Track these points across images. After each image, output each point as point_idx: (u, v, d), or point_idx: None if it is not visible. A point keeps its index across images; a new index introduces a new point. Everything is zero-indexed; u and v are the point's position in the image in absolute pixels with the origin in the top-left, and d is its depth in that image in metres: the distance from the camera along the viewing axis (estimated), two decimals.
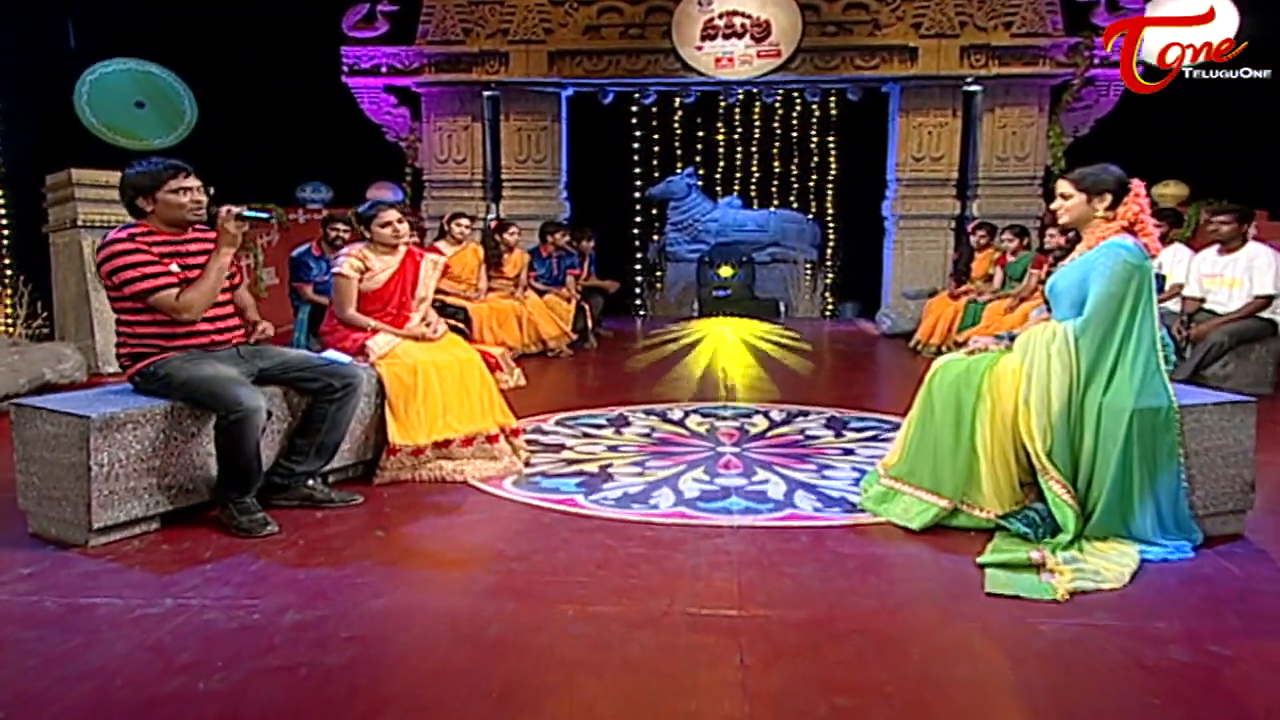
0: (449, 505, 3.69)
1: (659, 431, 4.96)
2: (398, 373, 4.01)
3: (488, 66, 9.98)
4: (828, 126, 12.25)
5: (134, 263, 3.27)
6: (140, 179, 3.38)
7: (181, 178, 3.41)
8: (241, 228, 3.45)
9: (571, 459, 4.37)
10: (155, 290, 3.28)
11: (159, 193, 3.37)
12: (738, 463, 4.32)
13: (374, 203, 4.33)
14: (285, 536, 3.25)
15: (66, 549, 3.09)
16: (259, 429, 3.22)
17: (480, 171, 10.24)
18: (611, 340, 8.86)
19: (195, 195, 3.42)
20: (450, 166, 10.21)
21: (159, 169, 3.39)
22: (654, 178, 12.43)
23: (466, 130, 10.19)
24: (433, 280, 4.45)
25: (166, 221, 3.41)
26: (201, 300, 3.35)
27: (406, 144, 10.33)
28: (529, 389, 6.01)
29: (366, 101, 10.23)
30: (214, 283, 3.37)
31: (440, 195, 10.17)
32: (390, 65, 10.02)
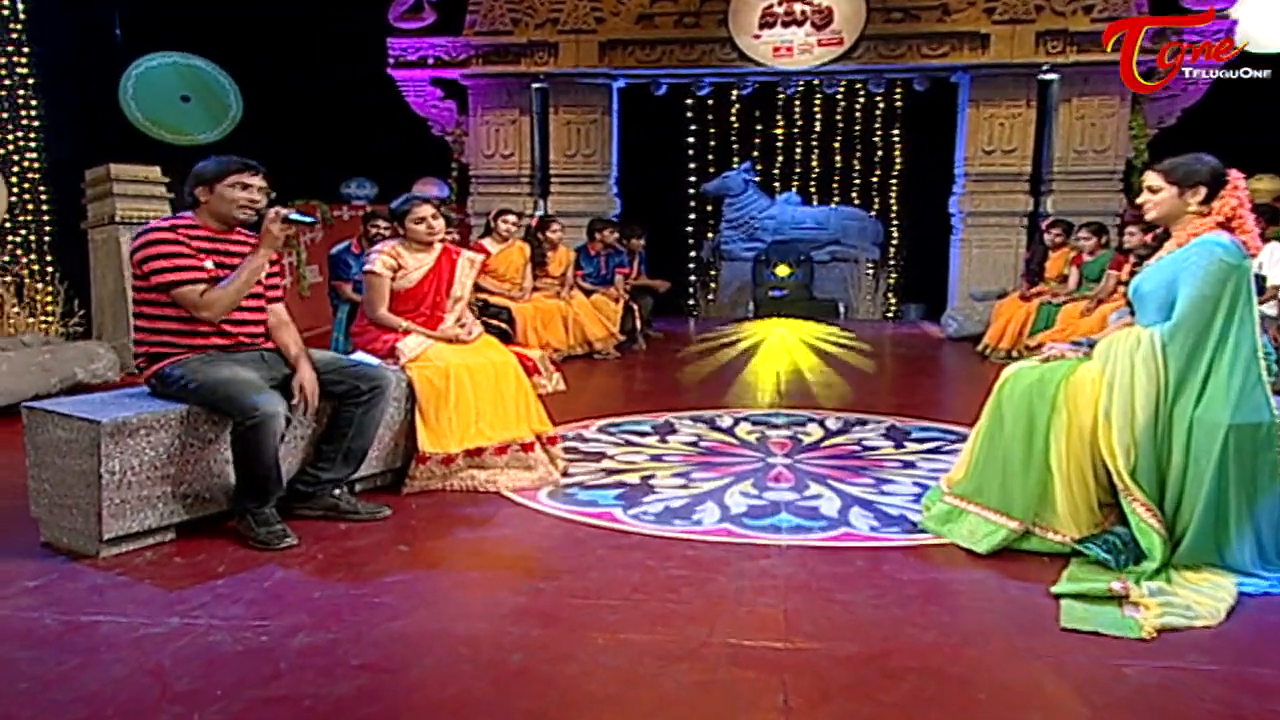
0: (479, 518, 3.56)
1: (706, 440, 4.80)
2: (429, 376, 3.90)
3: (536, 57, 9.91)
4: (892, 119, 11.98)
5: (168, 253, 3.22)
6: (207, 168, 3.37)
7: (247, 175, 3.36)
8: (286, 231, 3.38)
9: (611, 469, 4.23)
10: (181, 284, 3.21)
11: (219, 184, 3.32)
12: (789, 475, 4.14)
13: (408, 197, 4.24)
14: (305, 550, 3.16)
15: (77, 560, 3.03)
16: (277, 436, 3.13)
17: (528, 166, 10.16)
18: (661, 342, 8.72)
19: (253, 195, 3.37)
20: (497, 161, 10.15)
21: (229, 160, 3.38)
22: (709, 173, 12.28)
23: (514, 124, 10.12)
24: (469, 279, 4.34)
25: (216, 216, 3.36)
26: (226, 300, 3.27)
27: (453, 138, 10.31)
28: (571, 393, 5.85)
29: (412, 94, 10.22)
30: (243, 284, 3.30)
31: (486, 191, 10.11)
32: (437, 57, 9.99)
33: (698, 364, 7.52)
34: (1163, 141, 9.24)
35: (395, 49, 10.03)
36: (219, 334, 3.34)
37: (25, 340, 5.62)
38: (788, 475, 4.14)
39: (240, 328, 3.40)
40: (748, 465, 4.30)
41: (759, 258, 11.80)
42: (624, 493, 3.85)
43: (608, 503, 3.72)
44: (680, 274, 12.04)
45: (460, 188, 10.39)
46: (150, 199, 7.18)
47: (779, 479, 4.08)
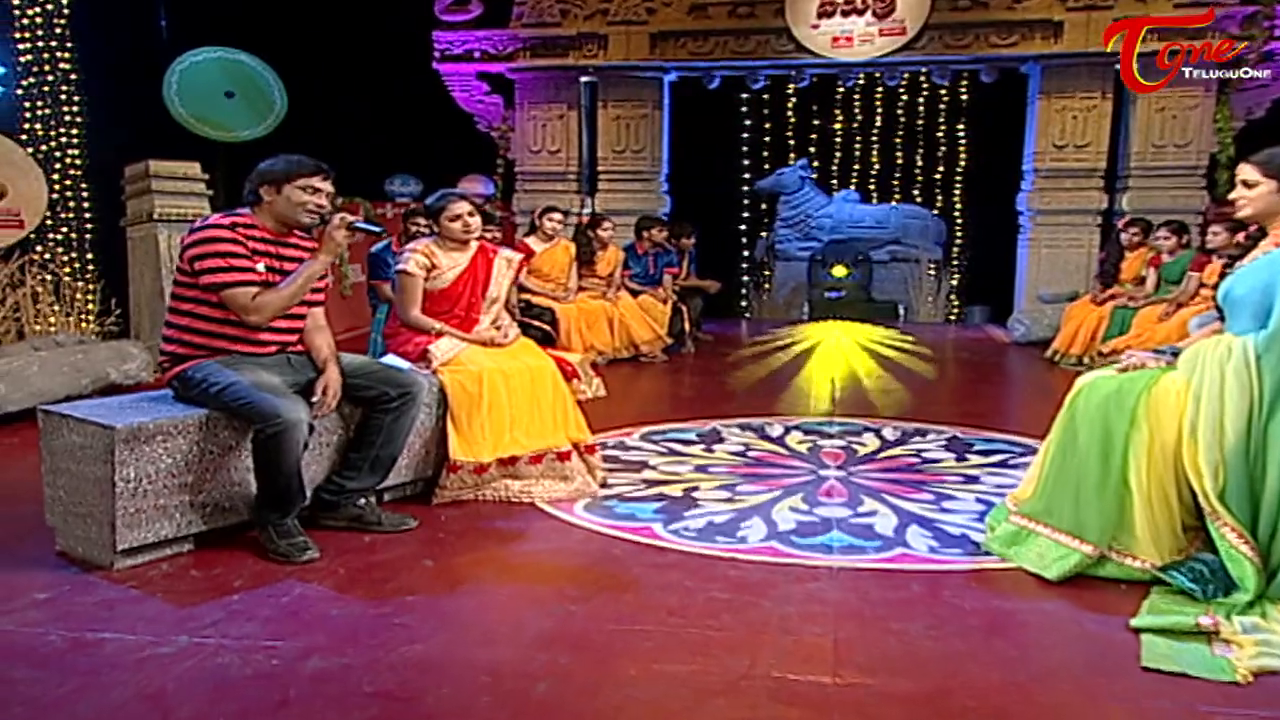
0: (510, 532, 3.45)
1: (754, 450, 4.64)
2: (461, 381, 3.80)
3: (585, 50, 9.81)
4: (957, 112, 11.69)
5: (224, 252, 3.16)
6: (276, 167, 3.30)
7: (318, 178, 3.31)
8: (350, 239, 3.31)
9: (653, 480, 4.09)
10: (233, 285, 3.15)
11: (288, 185, 3.26)
12: (842, 489, 3.97)
13: (443, 193, 4.14)
14: (326, 563, 3.07)
15: (90, 571, 2.97)
16: (299, 444, 3.04)
17: (575, 163, 10.07)
18: (711, 345, 8.57)
19: (320, 200, 3.31)
20: (544, 158, 10.08)
21: (300, 161, 3.32)
22: (763, 170, 12.10)
23: (561, 119, 10.04)
24: (506, 280, 4.24)
25: (276, 218, 3.30)
26: (278, 304, 3.21)
27: (498, 134, 10.26)
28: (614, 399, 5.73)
29: (458, 89, 10.19)
30: (297, 290, 3.24)
31: (532, 188, 10.04)
32: (483, 50, 9.94)
33: (749, 368, 7.36)
34: (1251, 135, 8.86)
35: (441, 42, 10.00)
36: (252, 338, 3.26)
37: (59, 339, 5.64)
38: (840, 489, 3.97)
39: (277, 334, 3.32)
40: (798, 478, 4.14)
41: (815, 257, 11.59)
42: (665, 506, 3.71)
43: (647, 517, 3.58)
44: (733, 274, 11.88)
45: (506, 185, 10.33)
46: (189, 196, 7.20)
47: (831, 493, 3.91)
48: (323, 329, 3.48)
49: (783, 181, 12.03)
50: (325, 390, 3.28)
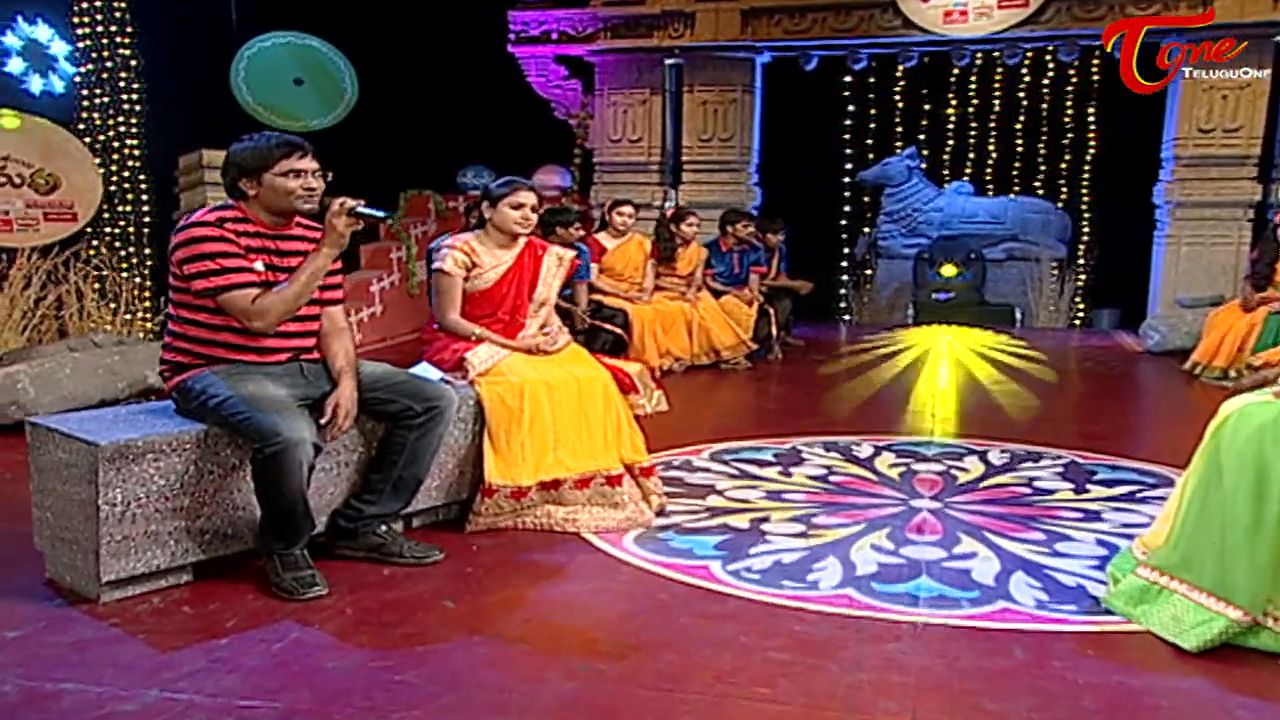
0: (547, 567, 3.19)
1: (838, 474, 4.30)
2: (500, 393, 3.55)
3: (671, 30, 9.58)
4: (1086, 93, 11.10)
5: (213, 252, 2.95)
6: (247, 156, 3.07)
7: (296, 157, 3.06)
8: (353, 226, 3.08)
9: (717, 508, 3.79)
10: (229, 288, 2.95)
11: (266, 174, 3.03)
12: (936, 524, 3.60)
13: (509, 180, 3.90)
14: (334, 601, 2.85)
15: (75, 604, 2.80)
16: (303, 466, 2.82)
17: (657, 152, 9.84)
18: (801, 351, 8.24)
19: (309, 181, 3.06)
20: (624, 147, 9.87)
21: (270, 145, 3.07)
22: (866, 159, 11.69)
23: (644, 105, 9.81)
24: (556, 280, 3.99)
25: (269, 209, 3.08)
26: (282, 307, 2.99)
27: (576, 121, 10.10)
28: (685, 411, 5.49)
29: (534, 73, 10.05)
30: (303, 289, 3.02)
31: (612, 180, 9.84)
32: (561, 32, 9.77)
33: (840, 378, 7.00)
34: None
35: (517, 23, 9.86)
36: (257, 345, 3.06)
37: (96, 340, 5.60)
38: (934, 524, 3.61)
39: (288, 339, 3.11)
40: (885, 509, 3.79)
41: (921, 255, 11.15)
42: (727, 540, 3.41)
43: (705, 553, 3.28)
44: (830, 274, 11.52)
45: (583, 177, 10.14)
46: None
47: (922, 529, 3.55)
48: (341, 332, 3.26)
49: (888, 172, 11.62)
50: (335, 410, 3.06)
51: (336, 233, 3.03)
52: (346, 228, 3.04)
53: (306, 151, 3.08)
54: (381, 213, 3.07)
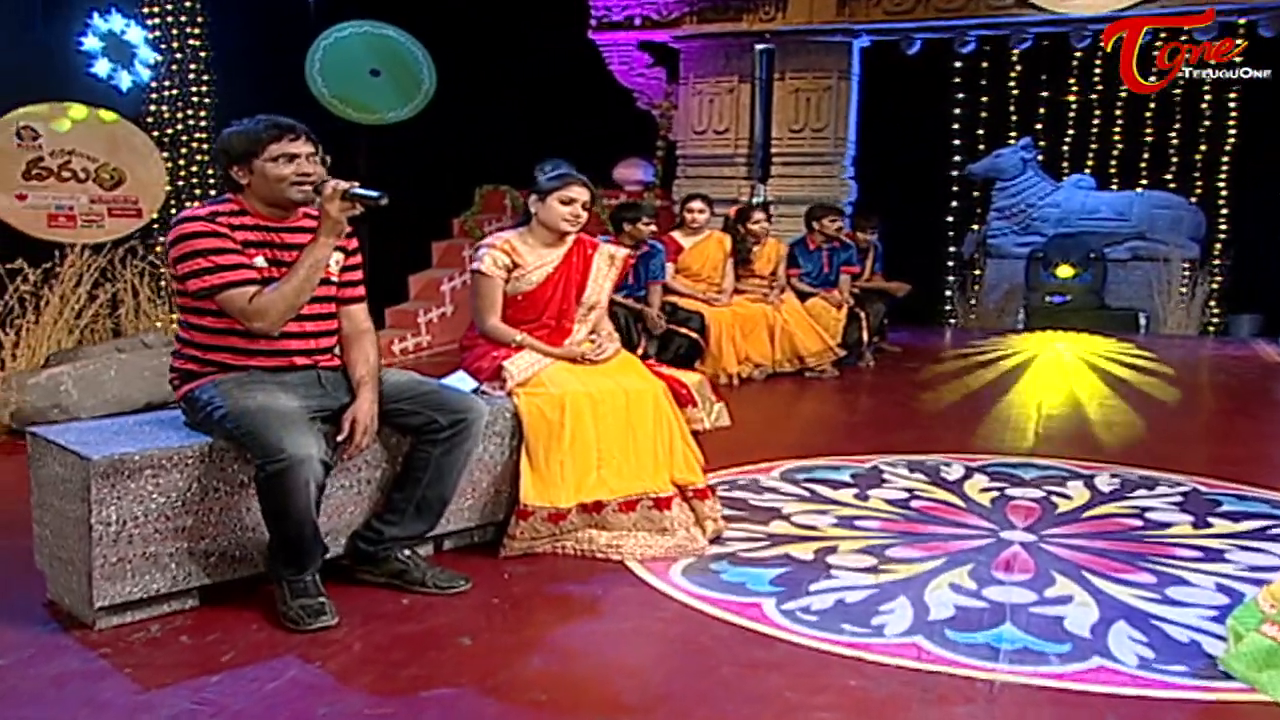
0: (581, 601, 3.01)
1: (921, 498, 4.03)
2: (540, 406, 3.38)
3: (761, 13, 9.36)
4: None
5: (205, 249, 2.84)
6: (235, 142, 2.95)
7: (286, 141, 2.92)
8: (349, 210, 2.93)
9: (780, 535, 3.57)
10: (225, 287, 2.83)
11: (256, 159, 2.91)
12: (1027, 560, 3.31)
13: (561, 172, 3.73)
14: (343, 633, 2.71)
15: (70, 629, 2.71)
16: (311, 485, 2.68)
17: (745, 144, 9.60)
18: (896, 358, 7.93)
19: (303, 166, 2.92)
20: (709, 138, 9.66)
21: (258, 128, 2.94)
22: (976, 151, 11.25)
23: (731, 93, 9.59)
24: (608, 281, 3.81)
25: (265, 200, 2.96)
26: (282, 305, 2.86)
27: (659, 112, 9.95)
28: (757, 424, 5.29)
29: (616, 61, 9.92)
30: (301, 283, 2.88)
31: (695, 174, 9.65)
32: (645, 16, 9.62)
33: (937, 389, 6.67)
34: None
35: (598, 8, 9.74)
36: (266, 349, 2.94)
37: (147, 340, 5.60)
38: (1026, 561, 3.32)
39: (300, 340, 2.99)
40: (970, 541, 3.51)
41: (1035, 255, 10.72)
42: (787, 574, 3.18)
43: (759, 588, 3.06)
44: (934, 275, 11.13)
45: (666, 170, 9.96)
46: None
47: (1011, 566, 3.26)
48: (362, 336, 3.12)
49: (1000, 164, 11.20)
50: (353, 425, 2.92)
51: (331, 219, 2.88)
52: (341, 213, 2.88)
53: (299, 134, 2.94)
54: (375, 193, 2.91)
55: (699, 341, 6.62)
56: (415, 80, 10.75)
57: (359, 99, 10.55)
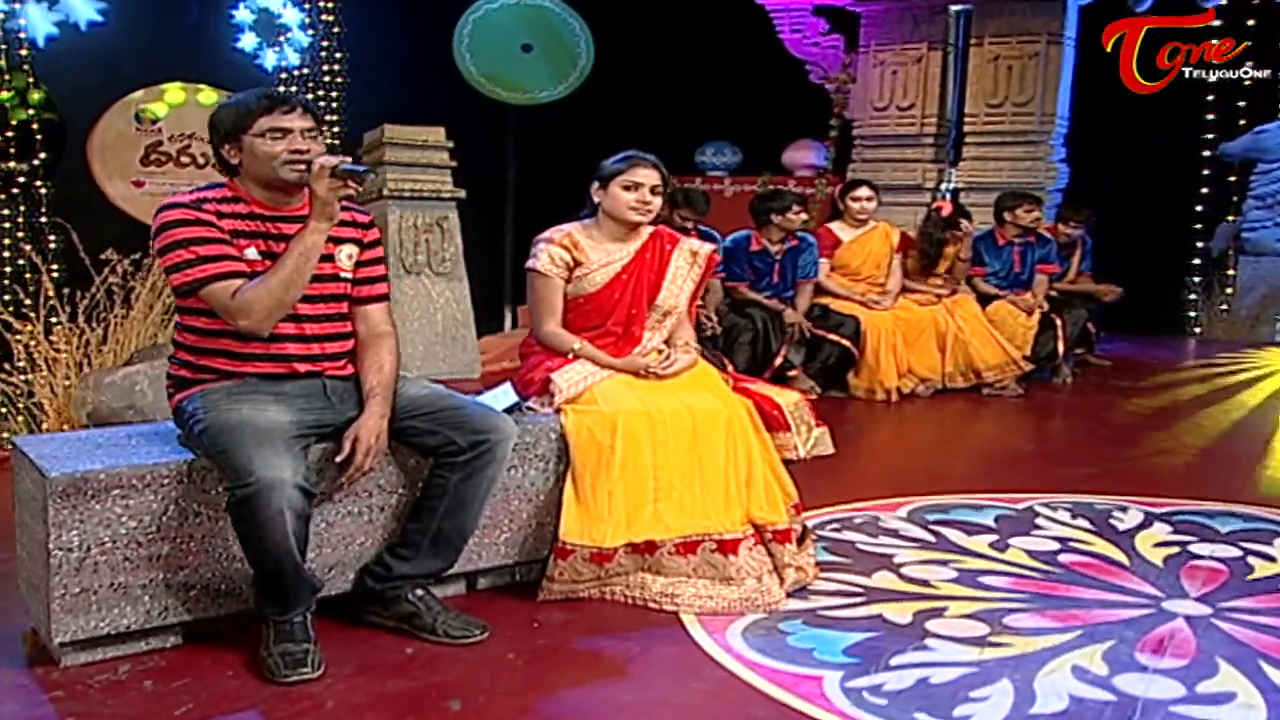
0: (608, 660, 2.79)
1: (1074, 550, 3.64)
2: (589, 426, 3.18)
3: None
4: None
5: (187, 239, 2.78)
6: (224, 116, 2.89)
7: (278, 113, 2.82)
8: (339, 190, 2.81)
9: (880, 590, 3.25)
10: (207, 281, 2.76)
11: (246, 135, 2.84)
12: (1188, 640, 2.89)
13: (627, 154, 3.55)
14: (322, 687, 2.58)
15: (34, 665, 2.68)
16: (283, 514, 2.55)
17: (933, 121, 9.17)
18: (1104, 374, 7.38)
19: (296, 142, 2.82)
20: (891, 116, 9.29)
21: (248, 100, 2.87)
22: (1232, 128, 10.36)
23: (919, 63, 9.18)
24: (689, 282, 3.58)
25: (259, 182, 2.88)
26: (267, 300, 2.76)
27: (834, 87, 9.62)
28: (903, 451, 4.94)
29: (787, 29, 9.70)
30: (289, 275, 2.77)
31: (873, 157, 9.34)
32: None
33: (1149, 413, 6.20)
34: None
35: None
36: (262, 353, 2.86)
37: None
38: (1186, 641, 2.89)
39: (300, 344, 2.89)
40: (1120, 611, 3.10)
41: None
42: (869, 641, 2.87)
43: (828, 657, 2.77)
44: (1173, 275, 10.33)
45: (840, 152, 9.63)
46: (426, 168, 7.21)
47: (1164, 647, 2.85)
48: (379, 340, 3.01)
49: (1263, 144, 10.36)
50: (354, 445, 2.80)
51: (320, 200, 2.74)
52: (329, 192, 2.74)
53: (294, 106, 2.83)
54: (362, 168, 2.77)
55: (851, 350, 6.30)
56: (571, 56, 10.78)
57: (509, 76, 10.67)
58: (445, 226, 7.09)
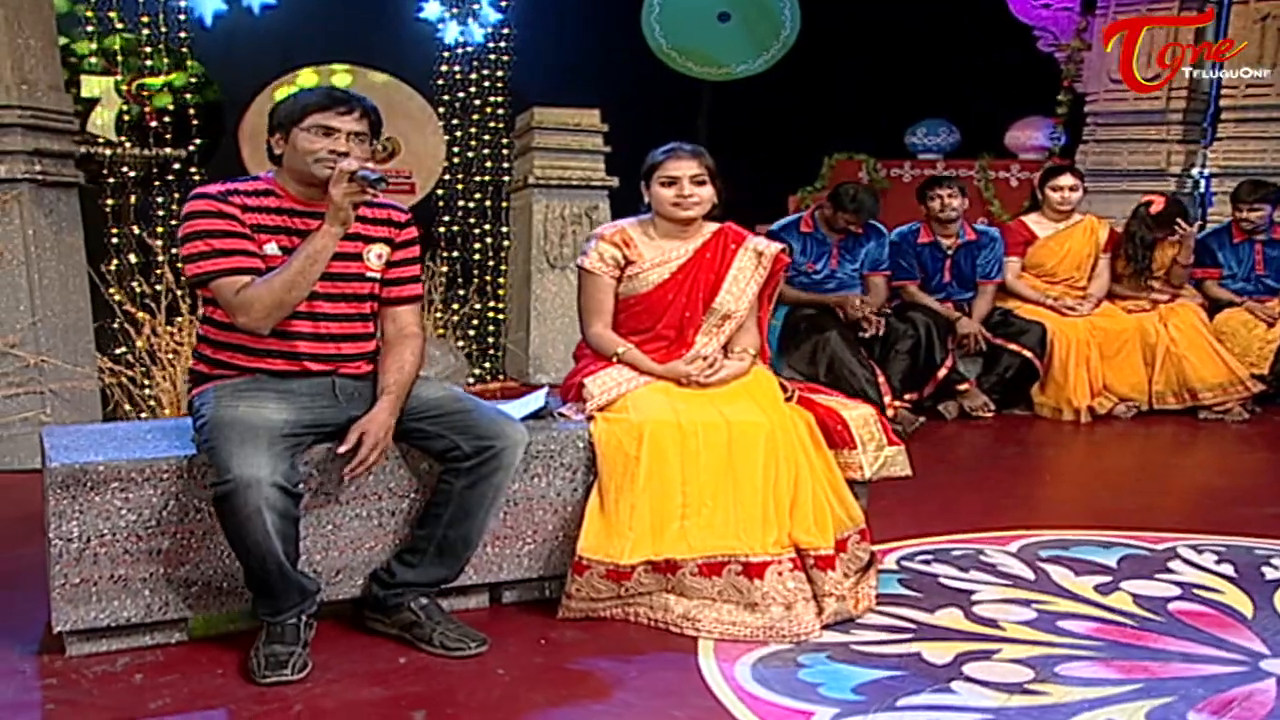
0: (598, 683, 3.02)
1: (1194, 599, 3.62)
2: (618, 436, 3.41)
3: None
4: None
5: (206, 231, 3.16)
6: (283, 108, 3.29)
7: (331, 113, 3.20)
8: (354, 195, 3.15)
9: (935, 628, 3.35)
10: (218, 274, 3.13)
11: (295, 128, 3.22)
12: (1264, 703, 2.88)
13: (667, 147, 3.78)
14: (297, 692, 2.91)
15: (42, 654, 3.12)
16: (260, 512, 2.88)
17: (1182, 96, 8.83)
18: None
19: (339, 143, 3.19)
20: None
21: (310, 95, 3.26)
22: None
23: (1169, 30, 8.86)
24: (752, 285, 3.76)
25: (296, 177, 3.26)
26: (269, 299, 3.12)
27: (1065, 55, 9.41)
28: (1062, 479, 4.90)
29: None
30: (293, 276, 3.12)
31: (1108, 136, 9.09)
32: None
33: None
34: None
35: None
36: (275, 350, 3.22)
37: None
38: (1263, 704, 2.88)
39: (314, 343, 3.25)
40: (1205, 666, 3.10)
41: None
42: (886, 680, 2.99)
43: (833, 694, 2.91)
44: None
45: (1073, 132, 9.44)
46: (578, 154, 7.57)
47: (1228, 708, 2.85)
48: (405, 341, 3.34)
49: None
50: (361, 438, 3.14)
51: (334, 204, 3.07)
52: (344, 197, 3.05)
53: (352, 108, 3.18)
54: (374, 176, 3.08)
55: (1034, 362, 6.26)
56: (773, 25, 10.93)
57: (703, 49, 10.91)
58: (594, 218, 7.44)
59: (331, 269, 3.19)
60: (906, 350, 6.11)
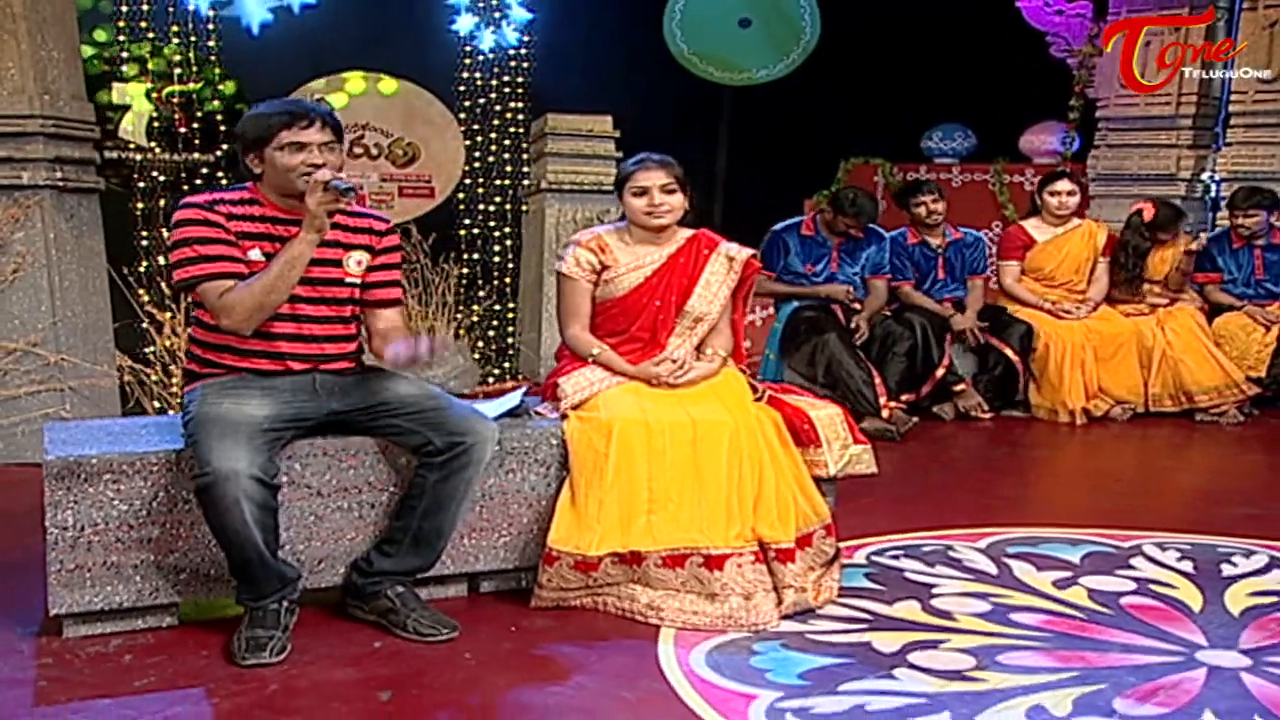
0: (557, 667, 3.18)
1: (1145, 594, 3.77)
2: (588, 434, 3.58)
3: None
4: None
5: (193, 238, 3.35)
6: (247, 127, 3.45)
7: (297, 128, 3.38)
8: (328, 204, 3.33)
9: (889, 618, 3.51)
10: (203, 279, 3.33)
11: (267, 148, 3.40)
12: (1188, 692, 2.99)
13: (639, 156, 3.94)
14: (274, 673, 3.07)
15: (41, 635, 3.31)
16: (239, 503, 3.06)
17: (1192, 100, 8.89)
18: None
19: (313, 156, 3.37)
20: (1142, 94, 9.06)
21: (270, 113, 3.43)
22: None
23: (1177, 30, 8.90)
24: (723, 289, 3.90)
25: (278, 190, 3.45)
26: (249, 302, 3.30)
27: (1078, 61, 9.48)
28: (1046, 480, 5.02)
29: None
30: (272, 281, 3.30)
31: (1119, 141, 9.15)
32: None
33: None
34: None
35: None
36: (262, 351, 3.41)
37: None
38: (1188, 692, 3.00)
39: (296, 344, 3.43)
40: (1141, 656, 3.22)
41: None
42: (831, 666, 3.14)
43: (780, 679, 3.06)
44: None
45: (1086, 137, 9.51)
46: (590, 159, 7.73)
47: (1153, 696, 2.97)
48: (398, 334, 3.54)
49: None
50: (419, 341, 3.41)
51: (310, 213, 3.25)
52: (319, 206, 3.23)
53: (312, 120, 3.35)
54: (347, 185, 3.26)
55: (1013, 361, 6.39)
56: (793, 31, 11.09)
57: (723, 55, 11.08)
58: (606, 222, 7.57)
59: (312, 274, 3.38)
60: (904, 352, 6.23)
